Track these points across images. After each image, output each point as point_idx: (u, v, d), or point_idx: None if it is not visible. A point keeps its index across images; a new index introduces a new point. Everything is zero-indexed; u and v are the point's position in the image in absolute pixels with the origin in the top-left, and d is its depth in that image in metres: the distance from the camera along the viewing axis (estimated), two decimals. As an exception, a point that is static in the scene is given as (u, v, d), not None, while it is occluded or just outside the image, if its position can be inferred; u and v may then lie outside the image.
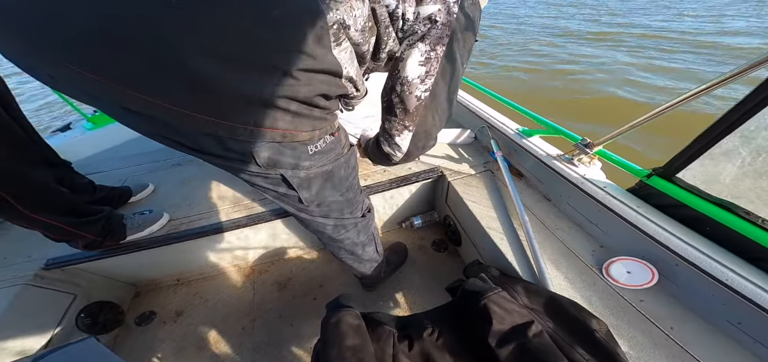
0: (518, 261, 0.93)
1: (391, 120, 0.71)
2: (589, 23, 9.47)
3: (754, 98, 0.56)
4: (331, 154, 0.72)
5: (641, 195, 0.88)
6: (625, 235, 0.86)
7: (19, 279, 1.01)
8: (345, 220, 0.90)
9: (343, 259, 1.06)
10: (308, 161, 0.67)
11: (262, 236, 1.37)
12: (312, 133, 0.63)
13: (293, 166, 0.66)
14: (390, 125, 0.72)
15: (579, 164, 1.02)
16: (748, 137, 0.59)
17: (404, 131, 0.71)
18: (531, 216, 1.07)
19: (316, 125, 0.62)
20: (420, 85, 0.63)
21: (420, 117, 0.68)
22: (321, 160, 0.70)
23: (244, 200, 1.29)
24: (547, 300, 0.73)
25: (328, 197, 0.80)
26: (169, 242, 1.13)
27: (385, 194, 1.35)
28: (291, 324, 1.26)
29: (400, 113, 0.68)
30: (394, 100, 0.66)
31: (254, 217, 1.20)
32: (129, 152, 1.74)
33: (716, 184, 0.69)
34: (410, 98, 0.64)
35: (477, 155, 1.41)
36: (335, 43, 0.55)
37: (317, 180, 0.73)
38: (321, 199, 0.79)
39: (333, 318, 0.74)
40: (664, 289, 0.80)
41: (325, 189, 0.77)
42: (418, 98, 0.64)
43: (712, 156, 0.67)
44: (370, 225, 1.03)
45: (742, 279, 0.64)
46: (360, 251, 1.03)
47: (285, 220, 1.29)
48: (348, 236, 0.94)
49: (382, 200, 1.43)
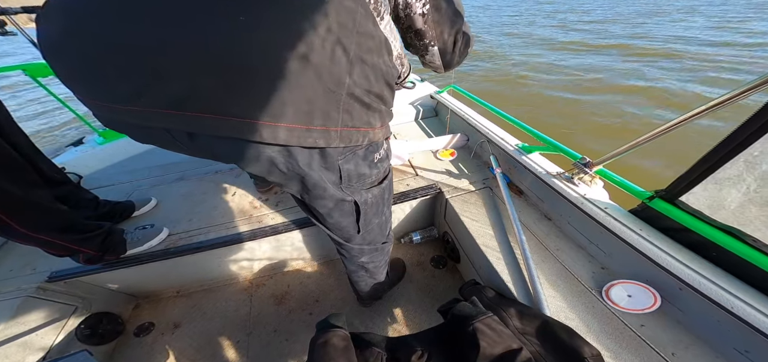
0: (514, 282, 0.91)
1: (415, 45, 0.72)
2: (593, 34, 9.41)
3: (757, 121, 0.53)
4: (387, 162, 0.69)
5: (643, 217, 0.84)
6: (626, 258, 0.83)
7: (22, 292, 1.04)
8: (378, 244, 0.86)
9: (357, 277, 1.01)
10: (375, 169, 0.62)
11: (260, 251, 1.38)
12: (384, 130, 0.56)
13: (361, 176, 0.59)
14: (416, 51, 0.74)
15: (579, 184, 0.99)
16: (752, 163, 0.56)
17: (428, 48, 0.72)
18: (530, 236, 1.04)
19: (385, 120, 0.56)
20: (418, 2, 0.63)
21: (436, 33, 0.69)
22: (383, 166, 0.66)
23: (243, 215, 1.31)
24: (540, 324, 0.71)
25: (374, 220, 0.76)
26: (169, 256, 1.15)
27: None
28: (286, 339, 1.25)
29: (415, 37, 0.69)
30: (406, 26, 0.67)
31: (253, 232, 1.21)
32: (135, 166, 1.79)
33: (722, 210, 0.66)
34: (416, 18, 0.65)
35: (476, 171, 1.39)
36: (378, 18, 0.53)
37: (377, 194, 0.69)
38: (371, 223, 0.75)
39: (320, 338, 0.73)
40: (666, 314, 0.76)
41: (379, 206, 0.73)
42: (422, 14, 0.65)
43: (716, 181, 0.64)
44: (390, 243, 0.99)
45: (750, 309, 0.60)
46: (378, 274, 1.00)
47: (284, 235, 1.29)
48: (375, 257, 0.91)
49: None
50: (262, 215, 1.30)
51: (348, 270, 1.02)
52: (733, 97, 0.54)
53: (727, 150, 0.58)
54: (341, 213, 0.67)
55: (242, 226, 1.24)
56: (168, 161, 1.86)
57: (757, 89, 0.51)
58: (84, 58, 0.42)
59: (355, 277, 1.02)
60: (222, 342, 1.26)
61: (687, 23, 9.83)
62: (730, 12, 11.15)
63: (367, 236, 0.79)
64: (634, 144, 0.79)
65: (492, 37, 10.13)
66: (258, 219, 1.28)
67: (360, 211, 0.67)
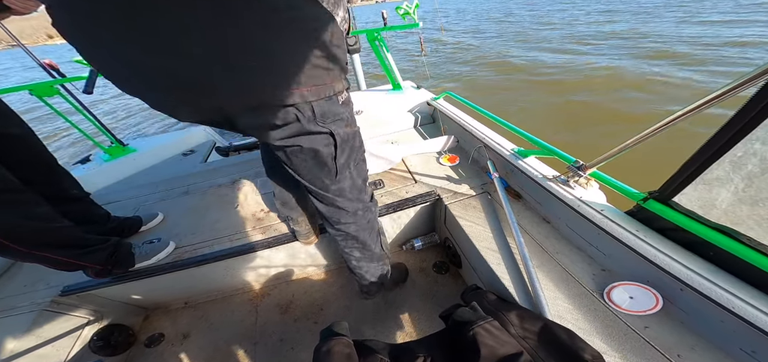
0: (515, 286, 0.92)
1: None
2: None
3: (736, 123, 0.54)
4: (350, 108, 0.80)
5: (639, 218, 0.85)
6: (626, 259, 0.84)
7: (37, 306, 1.08)
8: (362, 198, 0.95)
9: (352, 257, 1.07)
10: (342, 109, 0.74)
11: (264, 261, 1.41)
12: (341, 83, 0.71)
13: (335, 117, 0.73)
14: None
15: (575, 186, 1.00)
16: (737, 164, 0.57)
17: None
18: (529, 239, 1.05)
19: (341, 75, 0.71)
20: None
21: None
22: (347, 111, 0.77)
23: (246, 227, 1.34)
24: (540, 327, 0.71)
25: (351, 167, 0.87)
26: (176, 268, 1.18)
27: (386, 217, 1.37)
28: (291, 347, 1.27)
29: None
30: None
31: (258, 243, 1.24)
32: (141, 182, 1.84)
33: (714, 210, 0.66)
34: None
35: (474, 177, 1.41)
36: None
37: (347, 143, 0.80)
38: (347, 168, 0.85)
39: (324, 346, 0.75)
40: (669, 316, 0.76)
41: (352, 153, 0.84)
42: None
43: (705, 181, 0.65)
44: (376, 213, 1.07)
45: (752, 309, 0.60)
46: (370, 242, 1.05)
47: (287, 245, 1.32)
48: (361, 219, 0.98)
49: (383, 223, 1.44)
50: (265, 226, 1.33)
51: (343, 253, 1.08)
52: (719, 95, 0.55)
53: (711, 152, 0.59)
54: (316, 159, 0.78)
55: (246, 237, 1.27)
56: (172, 176, 1.91)
57: (738, 89, 0.52)
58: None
59: (351, 258, 1.07)
60: (230, 351, 1.28)
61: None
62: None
63: (342, 185, 0.88)
64: (624, 146, 0.80)
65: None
66: (262, 230, 1.31)
67: (336, 143, 0.76)
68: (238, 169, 1.90)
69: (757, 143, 0.53)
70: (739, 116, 0.53)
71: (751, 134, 0.53)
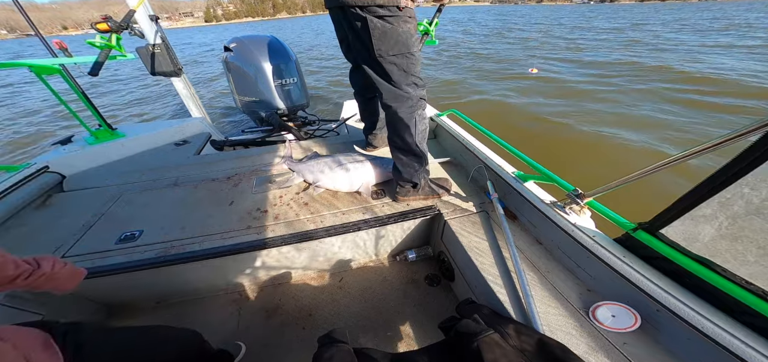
0: (510, 301, 0.95)
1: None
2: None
3: (731, 169, 0.62)
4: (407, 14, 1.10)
5: (627, 246, 0.92)
6: (611, 281, 0.90)
7: None
8: (402, 84, 1.19)
9: (396, 131, 1.27)
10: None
11: (250, 263, 1.35)
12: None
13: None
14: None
15: (570, 213, 1.07)
16: (724, 204, 0.65)
17: None
18: (524, 258, 1.09)
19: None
20: None
21: None
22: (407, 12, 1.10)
23: (233, 226, 1.29)
24: (536, 342, 0.74)
25: (394, 49, 1.12)
26: (155, 265, 1.10)
27: (382, 228, 1.37)
28: (277, 353, 1.21)
29: None
30: None
31: (245, 244, 1.19)
32: (125, 169, 1.72)
33: (696, 243, 0.74)
34: None
35: (474, 195, 1.46)
36: None
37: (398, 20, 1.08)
38: (393, 48, 1.12)
39: (326, 353, 0.73)
40: (646, 333, 0.83)
41: (400, 37, 1.10)
42: None
43: (692, 217, 0.72)
44: (424, 107, 1.28)
45: (719, 330, 0.67)
46: (405, 125, 1.24)
47: (278, 248, 1.28)
48: (401, 106, 1.21)
49: (378, 234, 1.44)
50: (256, 227, 1.29)
51: (390, 126, 1.30)
52: (722, 142, 0.63)
53: (703, 192, 0.66)
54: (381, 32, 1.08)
55: (234, 237, 1.22)
56: (161, 165, 1.80)
57: (740, 138, 0.59)
58: None
59: (396, 128, 1.27)
60: (208, 355, 1.20)
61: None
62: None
63: (388, 53, 1.13)
64: (626, 180, 0.87)
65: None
66: (256, 230, 1.26)
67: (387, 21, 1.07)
68: (233, 164, 1.83)
69: (746, 188, 0.60)
70: (734, 163, 0.60)
71: (742, 180, 0.60)
